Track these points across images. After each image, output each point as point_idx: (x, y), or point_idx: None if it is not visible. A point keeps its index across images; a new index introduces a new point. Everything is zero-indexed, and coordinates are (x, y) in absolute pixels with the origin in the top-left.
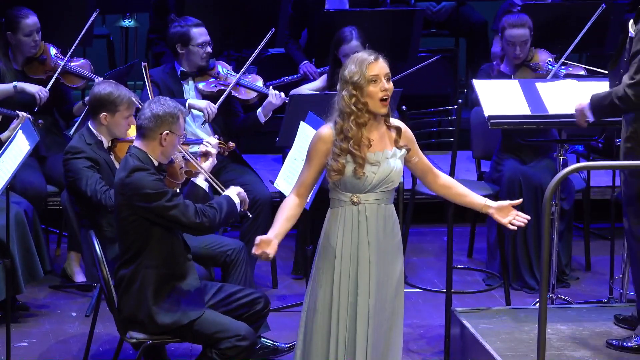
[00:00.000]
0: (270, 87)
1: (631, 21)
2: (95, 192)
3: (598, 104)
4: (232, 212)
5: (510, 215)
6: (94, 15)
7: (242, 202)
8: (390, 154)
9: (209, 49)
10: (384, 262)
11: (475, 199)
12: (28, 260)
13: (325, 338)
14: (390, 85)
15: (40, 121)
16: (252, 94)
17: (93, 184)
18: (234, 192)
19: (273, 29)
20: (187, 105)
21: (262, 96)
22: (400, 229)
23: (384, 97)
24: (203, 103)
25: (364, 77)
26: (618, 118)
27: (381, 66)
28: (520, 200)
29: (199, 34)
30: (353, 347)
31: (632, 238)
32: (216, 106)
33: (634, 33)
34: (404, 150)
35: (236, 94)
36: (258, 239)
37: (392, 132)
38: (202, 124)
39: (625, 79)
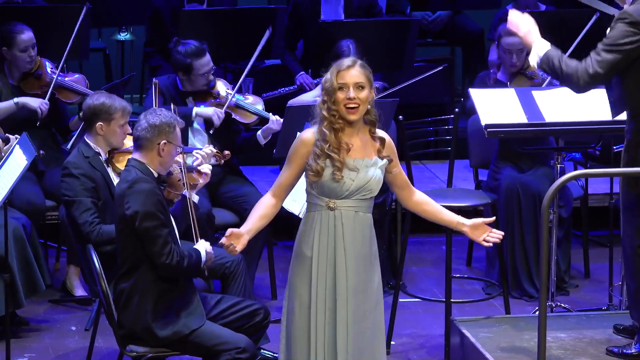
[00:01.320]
0: (271, 114)
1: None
2: (85, 224)
3: (553, 64)
4: (196, 265)
5: (484, 232)
6: (83, 13)
7: (207, 260)
8: (371, 162)
9: (210, 78)
10: (361, 270)
11: (450, 216)
12: (28, 274)
13: (305, 342)
14: (362, 94)
15: (41, 152)
16: (253, 118)
17: (85, 215)
18: (203, 248)
19: (270, 29)
20: (194, 113)
21: (263, 119)
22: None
23: (350, 106)
24: (210, 110)
25: (333, 84)
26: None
27: (352, 74)
28: (494, 218)
29: (201, 65)
30: (334, 352)
31: (628, 247)
32: (222, 111)
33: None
34: (385, 161)
35: (237, 117)
36: (229, 230)
37: (377, 142)
38: (211, 131)
39: (590, 64)
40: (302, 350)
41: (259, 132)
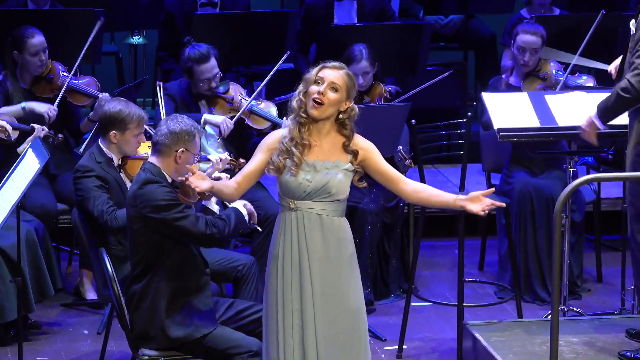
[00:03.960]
0: (284, 118)
1: (632, 20)
2: (101, 213)
3: (604, 105)
4: (241, 223)
5: (482, 204)
6: (98, 25)
7: (250, 215)
8: (332, 164)
9: (213, 84)
10: (327, 274)
11: (447, 197)
12: (39, 278)
13: (275, 344)
14: (332, 95)
15: (60, 135)
16: (266, 124)
17: (100, 205)
18: (241, 204)
19: (288, 52)
20: (202, 120)
21: (275, 125)
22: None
23: (316, 99)
24: (220, 118)
25: (312, 76)
26: (625, 120)
27: (333, 74)
28: (493, 189)
29: (201, 71)
30: (303, 354)
31: (636, 244)
32: (232, 122)
33: (634, 30)
34: (349, 165)
35: (249, 122)
36: (199, 172)
37: (348, 155)
38: (218, 139)
39: (627, 70)
40: (274, 351)
41: None
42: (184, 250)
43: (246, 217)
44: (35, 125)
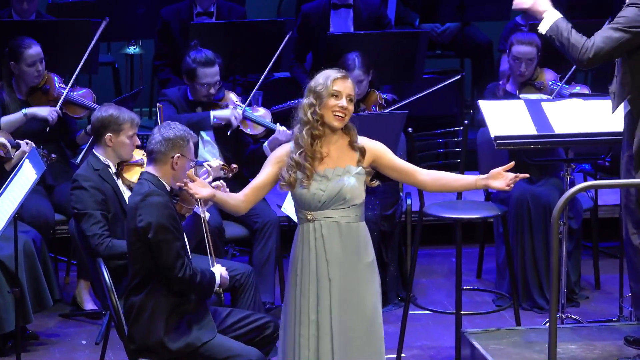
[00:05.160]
0: (278, 124)
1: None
2: (94, 236)
3: (556, 28)
4: (210, 286)
5: (505, 180)
6: (103, 24)
7: (221, 284)
8: (342, 171)
9: (212, 91)
10: (348, 281)
11: (467, 179)
12: (37, 289)
13: (292, 356)
14: (350, 107)
15: (53, 155)
16: (260, 130)
17: (95, 227)
18: (218, 273)
19: (290, 33)
20: (211, 116)
21: (270, 130)
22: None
23: (339, 114)
24: (228, 112)
25: (327, 89)
26: (620, 127)
27: (346, 85)
28: (513, 163)
29: (204, 74)
30: None
31: (632, 248)
32: (241, 113)
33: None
34: (360, 168)
35: (244, 129)
36: (199, 180)
37: (356, 152)
38: (229, 132)
39: (596, 39)
40: None
41: (265, 144)
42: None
43: (216, 286)
44: (21, 142)
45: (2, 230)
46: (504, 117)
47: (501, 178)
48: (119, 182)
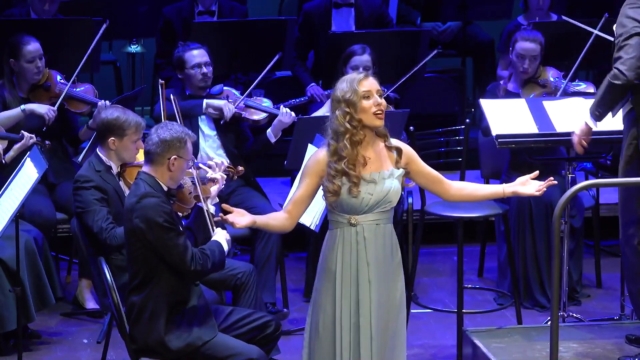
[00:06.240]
0: (281, 106)
1: (615, 25)
2: (101, 230)
3: (595, 99)
4: (222, 260)
5: (534, 185)
6: (103, 27)
7: (230, 248)
8: (387, 174)
9: (205, 70)
10: (384, 282)
11: (493, 188)
12: (39, 288)
13: (330, 359)
14: (384, 102)
15: (47, 142)
16: (263, 115)
17: (100, 221)
18: (223, 238)
19: (280, 53)
20: (204, 104)
21: (272, 117)
22: (400, 248)
23: (378, 112)
24: (222, 102)
25: (357, 93)
26: (620, 125)
27: (372, 82)
28: (537, 172)
29: (192, 56)
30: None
31: (630, 249)
32: (235, 107)
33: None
34: (401, 170)
35: (246, 115)
36: (237, 210)
37: (393, 152)
38: (222, 122)
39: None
40: None
41: (269, 130)
42: None
43: (226, 249)
44: (25, 133)
45: (3, 229)
46: (506, 116)
47: (532, 185)
48: (121, 183)
